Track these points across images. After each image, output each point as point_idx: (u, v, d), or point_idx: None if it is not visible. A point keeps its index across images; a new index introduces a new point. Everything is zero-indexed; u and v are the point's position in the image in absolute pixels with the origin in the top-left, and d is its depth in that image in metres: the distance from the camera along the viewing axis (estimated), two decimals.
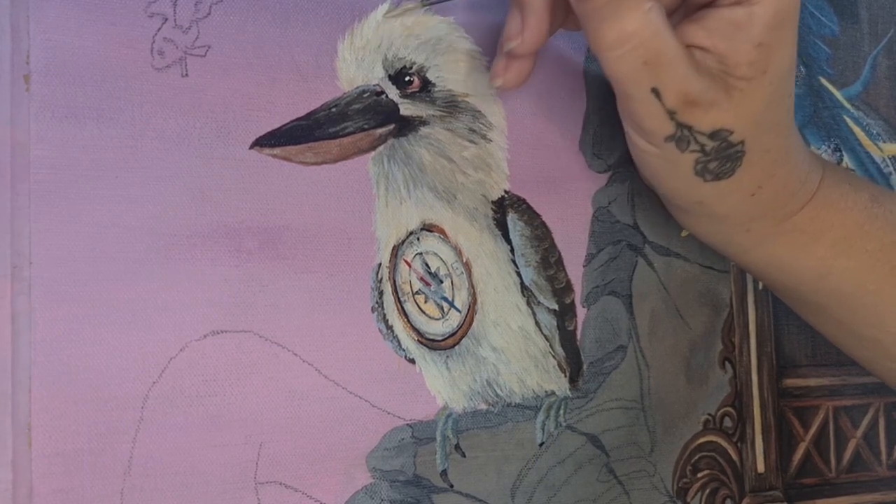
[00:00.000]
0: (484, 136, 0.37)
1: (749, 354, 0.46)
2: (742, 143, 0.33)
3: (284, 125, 0.33)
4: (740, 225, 0.36)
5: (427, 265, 0.36)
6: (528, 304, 0.38)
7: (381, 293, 0.35)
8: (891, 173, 0.52)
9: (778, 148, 0.34)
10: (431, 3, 0.36)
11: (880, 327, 0.38)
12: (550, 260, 0.39)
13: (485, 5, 0.38)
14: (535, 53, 0.35)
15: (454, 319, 0.37)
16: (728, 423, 0.45)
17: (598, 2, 0.30)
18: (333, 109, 0.34)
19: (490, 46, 0.38)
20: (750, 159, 0.34)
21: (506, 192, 0.38)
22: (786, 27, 0.32)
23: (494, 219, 0.38)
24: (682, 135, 0.32)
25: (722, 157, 0.33)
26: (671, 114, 0.31)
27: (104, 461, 0.29)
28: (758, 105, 0.32)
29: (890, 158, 0.53)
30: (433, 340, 0.36)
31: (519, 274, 0.38)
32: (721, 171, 0.34)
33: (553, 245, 0.39)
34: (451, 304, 0.37)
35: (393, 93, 0.35)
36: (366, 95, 0.35)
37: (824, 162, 0.38)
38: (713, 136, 0.32)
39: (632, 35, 0.30)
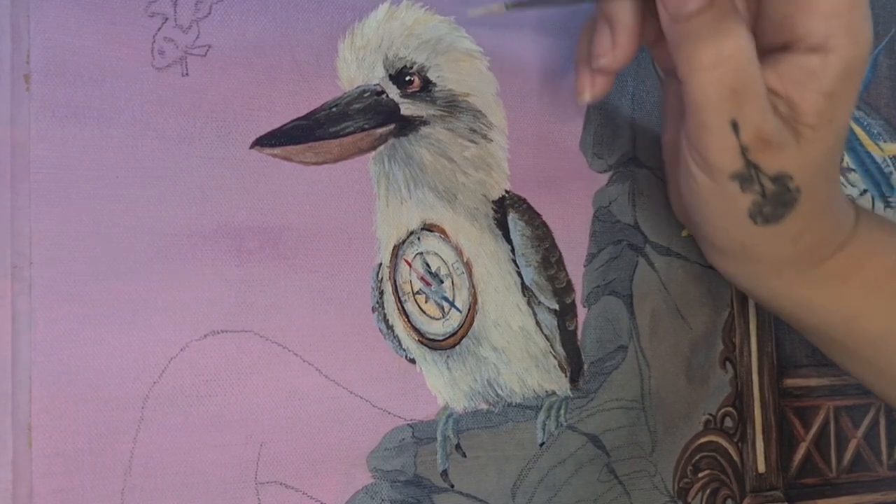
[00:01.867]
0: (485, 136, 0.37)
1: (750, 354, 0.46)
2: (798, 190, 0.33)
3: (285, 125, 0.33)
4: (774, 270, 0.36)
5: (428, 265, 0.36)
6: (529, 303, 0.38)
7: (381, 293, 0.35)
8: (891, 173, 0.52)
9: (824, 197, 0.34)
10: (517, 6, 0.35)
11: None
12: (551, 260, 0.39)
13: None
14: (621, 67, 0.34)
15: (455, 319, 0.37)
16: (729, 423, 0.45)
17: (698, 22, 0.30)
18: (334, 109, 0.34)
19: (494, 47, 0.38)
20: (800, 207, 0.33)
21: (506, 191, 0.38)
22: (854, 78, 0.32)
23: (495, 219, 0.38)
24: (749, 174, 0.32)
25: (778, 201, 0.33)
26: (744, 150, 0.31)
27: (104, 461, 0.29)
28: (819, 154, 0.32)
29: (891, 158, 0.52)
30: (434, 340, 0.36)
31: (519, 274, 0.38)
32: (773, 215, 0.33)
33: (554, 245, 0.39)
34: (452, 304, 0.37)
35: (393, 92, 0.35)
36: (366, 95, 0.35)
37: (857, 206, 0.38)
38: (776, 179, 0.32)
39: (728, 57, 0.29)
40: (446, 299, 0.36)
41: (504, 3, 0.35)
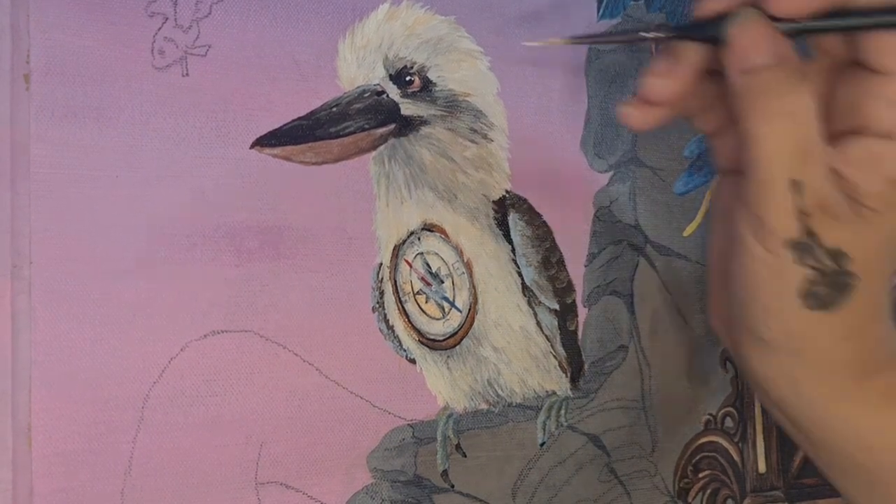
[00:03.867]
0: (485, 136, 0.37)
1: None
2: (855, 277, 0.32)
3: (285, 124, 0.33)
4: (818, 375, 0.35)
5: (428, 265, 0.36)
6: (530, 303, 0.38)
7: (381, 293, 0.35)
8: None
9: (878, 302, 0.33)
10: (578, 41, 0.34)
11: None
12: (552, 260, 0.39)
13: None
14: (671, 106, 0.33)
15: (455, 319, 0.37)
16: (729, 423, 0.45)
17: (766, 77, 0.30)
18: (334, 109, 0.34)
19: (494, 47, 0.38)
20: (854, 301, 0.32)
21: (507, 191, 0.38)
22: None
23: (495, 218, 0.38)
24: (805, 243, 0.31)
25: (833, 283, 0.32)
26: (803, 214, 0.30)
27: (105, 461, 0.29)
28: (879, 243, 0.32)
29: None
30: (434, 340, 0.36)
31: (520, 274, 0.38)
32: (827, 300, 0.32)
33: (554, 245, 0.39)
34: (452, 304, 0.37)
35: (394, 92, 0.35)
36: (366, 95, 0.35)
37: None
38: (834, 255, 0.31)
39: (794, 113, 0.29)
40: (447, 299, 0.36)
41: (563, 37, 0.34)
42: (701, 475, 0.44)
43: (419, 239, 0.36)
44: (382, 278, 0.35)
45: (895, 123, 0.30)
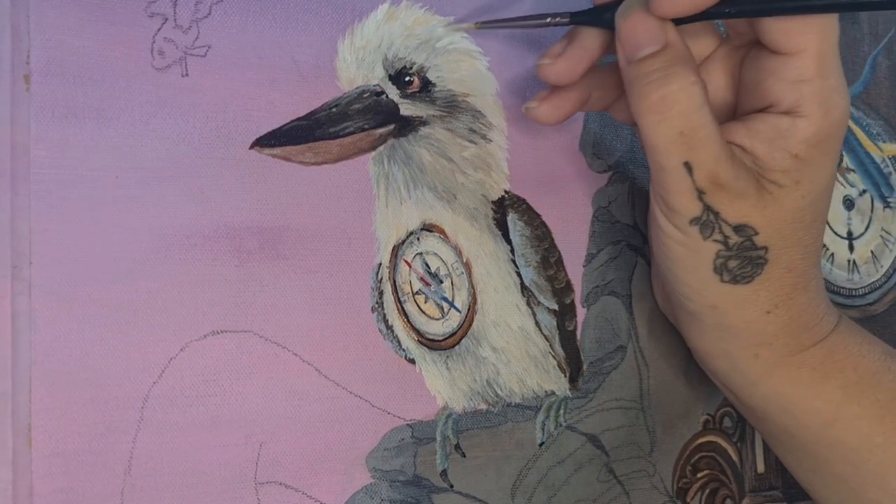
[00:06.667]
0: (484, 136, 0.37)
1: None
2: (766, 249, 0.33)
3: (284, 125, 0.33)
4: (749, 347, 0.36)
5: (427, 265, 0.36)
6: (528, 304, 0.38)
7: (381, 293, 0.35)
8: (891, 173, 0.52)
9: (801, 272, 0.34)
10: (487, 25, 0.36)
11: (884, 487, 0.36)
12: (550, 260, 0.39)
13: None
14: (572, 97, 0.35)
15: (454, 319, 0.37)
16: (728, 423, 0.45)
17: (649, 66, 0.30)
18: (334, 109, 0.34)
19: (494, 47, 0.38)
20: (771, 272, 0.33)
21: (506, 192, 0.38)
22: (826, 147, 0.32)
23: (494, 219, 0.38)
24: (708, 219, 0.32)
25: (743, 257, 0.33)
26: (700, 193, 0.31)
27: (104, 461, 0.29)
28: (786, 215, 0.32)
29: (890, 159, 0.53)
30: (433, 340, 0.36)
31: (519, 274, 0.38)
32: (740, 273, 0.33)
33: (553, 245, 0.39)
34: (451, 305, 0.37)
35: (393, 93, 0.35)
36: (366, 95, 0.35)
37: (840, 312, 0.38)
38: (738, 229, 0.32)
39: (674, 102, 0.30)
40: (446, 299, 0.36)
41: (475, 22, 0.36)
42: (699, 475, 0.44)
43: (418, 239, 0.36)
44: (382, 278, 0.35)
45: (796, 102, 0.31)
